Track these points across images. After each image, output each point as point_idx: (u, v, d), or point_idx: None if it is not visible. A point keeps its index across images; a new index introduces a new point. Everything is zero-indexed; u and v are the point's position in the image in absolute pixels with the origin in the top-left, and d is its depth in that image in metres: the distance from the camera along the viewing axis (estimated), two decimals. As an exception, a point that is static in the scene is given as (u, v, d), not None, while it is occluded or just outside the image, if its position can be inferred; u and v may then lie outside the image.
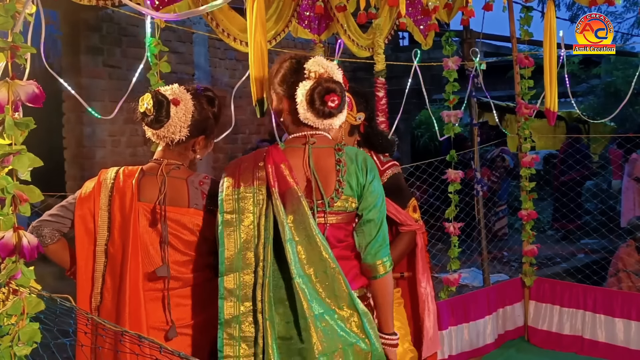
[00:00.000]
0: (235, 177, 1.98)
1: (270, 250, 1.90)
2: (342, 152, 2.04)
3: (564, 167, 7.80)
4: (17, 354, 1.78)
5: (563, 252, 6.65)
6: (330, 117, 2.00)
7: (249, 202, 1.94)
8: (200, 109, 2.15)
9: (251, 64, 2.69)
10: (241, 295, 1.88)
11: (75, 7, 2.68)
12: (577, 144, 8.09)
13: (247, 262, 1.90)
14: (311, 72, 2.00)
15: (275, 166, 1.96)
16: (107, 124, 6.02)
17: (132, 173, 2.17)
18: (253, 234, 1.92)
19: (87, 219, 2.07)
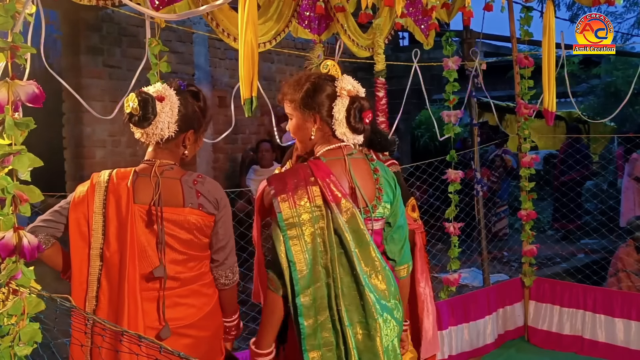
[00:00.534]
0: (289, 197, 2.03)
1: (338, 263, 2.02)
2: (374, 161, 2.20)
3: (564, 167, 7.81)
4: (18, 354, 1.78)
5: (563, 252, 6.65)
6: (363, 132, 2.15)
7: (308, 219, 2.02)
8: (185, 103, 2.15)
9: (241, 63, 2.69)
10: (317, 307, 2.00)
11: (75, 7, 2.68)
12: (577, 144, 8.09)
13: (317, 276, 2.01)
14: (344, 89, 2.12)
15: (327, 181, 2.05)
16: (107, 124, 6.01)
17: (125, 175, 2.15)
18: (319, 249, 2.01)
19: (81, 222, 2.07)
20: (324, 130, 2.15)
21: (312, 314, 1.99)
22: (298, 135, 2.23)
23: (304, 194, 2.02)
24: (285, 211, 2.00)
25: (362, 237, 2.04)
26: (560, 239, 7.49)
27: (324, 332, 2.00)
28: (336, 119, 2.11)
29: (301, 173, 2.07)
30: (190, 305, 2.13)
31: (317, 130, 2.15)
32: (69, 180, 6.20)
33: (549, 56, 4.27)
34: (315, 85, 2.16)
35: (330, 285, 2.00)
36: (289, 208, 2.00)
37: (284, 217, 2.00)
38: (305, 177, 2.05)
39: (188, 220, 2.09)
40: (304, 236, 2.00)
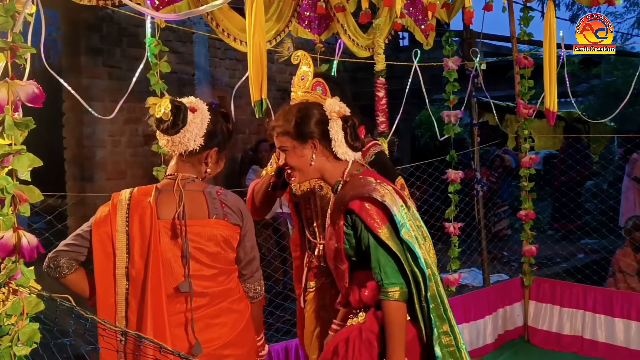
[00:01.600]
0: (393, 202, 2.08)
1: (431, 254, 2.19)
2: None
3: (564, 167, 7.80)
4: (17, 354, 1.78)
5: (563, 252, 6.65)
6: (360, 148, 2.22)
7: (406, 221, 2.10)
8: (215, 120, 2.13)
9: (250, 65, 2.69)
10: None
11: (75, 7, 2.68)
12: (577, 144, 8.09)
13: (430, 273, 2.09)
14: (333, 112, 2.15)
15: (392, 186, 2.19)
16: (107, 124, 6.01)
17: (147, 192, 2.10)
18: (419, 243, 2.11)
19: (106, 242, 2.02)
20: (325, 154, 2.18)
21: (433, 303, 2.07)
22: (297, 164, 2.20)
23: (392, 196, 2.09)
24: (397, 214, 2.05)
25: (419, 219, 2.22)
26: (560, 239, 7.49)
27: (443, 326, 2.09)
28: (335, 140, 2.14)
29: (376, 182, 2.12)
30: (223, 324, 2.08)
31: (317, 155, 2.17)
32: (69, 180, 6.19)
33: (549, 56, 4.27)
34: (304, 113, 2.18)
35: (435, 275, 2.10)
36: (397, 211, 2.06)
37: (399, 219, 2.04)
38: (379, 183, 2.12)
39: (214, 232, 2.06)
40: (411, 231, 2.08)
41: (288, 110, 2.22)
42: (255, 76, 2.69)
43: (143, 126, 6.12)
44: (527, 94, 4.68)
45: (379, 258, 2.02)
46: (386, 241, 2.01)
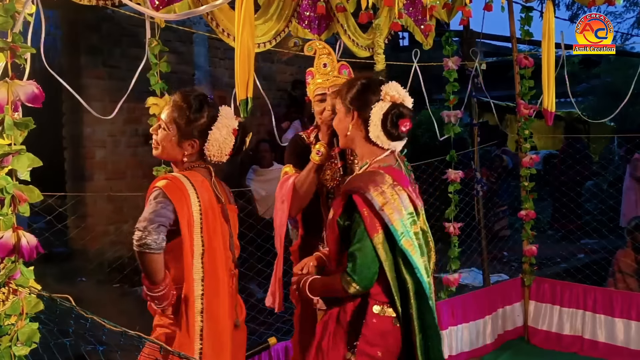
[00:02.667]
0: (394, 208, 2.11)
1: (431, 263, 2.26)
2: (405, 162, 2.41)
3: (564, 167, 7.80)
4: (16, 354, 1.78)
5: (563, 252, 6.65)
6: (399, 139, 2.20)
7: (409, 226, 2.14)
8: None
9: (237, 64, 2.69)
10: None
11: (75, 7, 2.68)
12: (577, 144, 8.08)
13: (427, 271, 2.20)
14: (387, 94, 2.16)
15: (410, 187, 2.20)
16: (107, 124, 6.01)
17: (198, 178, 2.23)
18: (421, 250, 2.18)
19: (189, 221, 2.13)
20: (360, 130, 2.21)
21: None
22: (338, 128, 2.30)
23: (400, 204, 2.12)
24: (396, 223, 2.09)
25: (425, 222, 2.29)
26: (560, 239, 7.49)
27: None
28: (372, 120, 2.16)
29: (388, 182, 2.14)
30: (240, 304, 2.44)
31: (352, 126, 2.22)
32: (69, 180, 6.19)
33: (548, 56, 4.27)
34: (363, 85, 2.24)
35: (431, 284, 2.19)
36: (399, 220, 2.09)
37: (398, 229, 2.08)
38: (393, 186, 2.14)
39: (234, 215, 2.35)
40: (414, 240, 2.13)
41: (355, 78, 2.32)
42: (242, 75, 2.69)
43: (143, 126, 6.11)
44: (527, 94, 4.68)
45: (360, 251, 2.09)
46: (377, 246, 2.09)
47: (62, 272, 3.89)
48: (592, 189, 8.43)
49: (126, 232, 6.23)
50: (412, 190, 2.20)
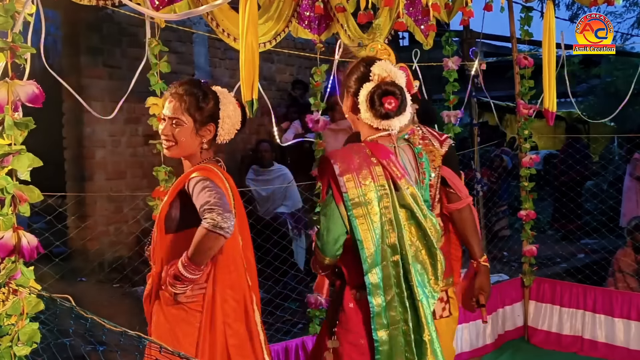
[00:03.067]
0: (354, 176, 2.09)
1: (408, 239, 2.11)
2: (418, 146, 2.32)
3: (564, 167, 7.80)
4: (17, 354, 1.78)
5: (563, 252, 6.64)
6: (387, 118, 2.13)
7: (374, 199, 2.08)
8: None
9: (242, 65, 2.69)
10: (384, 285, 2.07)
11: (75, 7, 2.68)
12: (577, 144, 8.09)
13: (384, 255, 2.08)
14: (375, 74, 2.14)
15: (387, 160, 2.12)
16: (107, 124, 6.00)
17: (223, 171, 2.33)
18: (385, 228, 2.08)
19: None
20: (355, 112, 2.20)
21: (380, 292, 2.06)
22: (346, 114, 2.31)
23: (367, 173, 2.09)
24: (352, 190, 2.07)
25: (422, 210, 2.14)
26: (560, 239, 7.48)
27: (390, 311, 2.06)
28: (360, 102, 2.15)
29: (362, 152, 2.13)
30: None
31: (350, 110, 2.23)
32: (69, 180, 6.19)
33: (549, 56, 4.27)
34: (352, 67, 2.24)
35: (398, 262, 2.08)
36: (355, 187, 2.07)
37: (350, 196, 2.06)
38: (366, 157, 2.11)
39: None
40: (370, 215, 2.06)
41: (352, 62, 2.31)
42: (247, 76, 2.69)
43: (143, 126, 6.12)
44: (527, 94, 4.68)
45: (323, 213, 2.16)
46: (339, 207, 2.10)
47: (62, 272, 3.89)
48: (592, 189, 8.43)
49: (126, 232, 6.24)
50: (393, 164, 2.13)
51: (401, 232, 2.09)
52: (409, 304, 2.07)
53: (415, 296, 2.08)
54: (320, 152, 3.68)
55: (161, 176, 3.07)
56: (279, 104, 7.54)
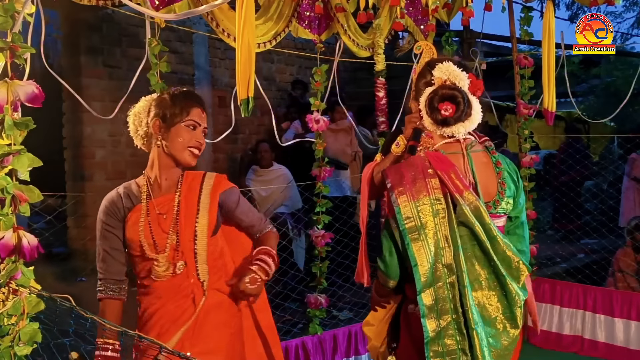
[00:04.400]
0: (406, 189, 1.94)
1: (464, 259, 1.92)
2: (496, 154, 2.10)
3: (564, 167, 7.80)
4: (18, 354, 1.78)
5: (563, 252, 6.64)
6: (446, 125, 2.02)
7: (428, 213, 1.92)
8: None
9: (238, 64, 2.69)
10: (439, 309, 1.90)
11: (75, 7, 2.68)
12: (577, 144, 8.08)
13: (438, 275, 1.91)
14: (435, 78, 2.03)
15: (447, 173, 1.95)
16: (107, 124, 6.00)
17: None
18: (440, 245, 1.91)
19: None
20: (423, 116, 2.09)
21: (435, 316, 1.90)
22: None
23: (422, 186, 1.93)
24: (404, 204, 1.92)
25: (489, 231, 1.94)
26: (560, 239, 7.48)
27: (446, 338, 1.90)
28: (421, 109, 2.06)
29: (419, 165, 1.98)
30: None
31: (421, 116, 2.10)
32: (69, 180, 6.19)
33: (549, 56, 4.27)
34: (420, 71, 2.14)
35: (454, 284, 1.91)
36: (407, 201, 1.92)
37: (403, 212, 1.92)
38: (423, 169, 1.96)
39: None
40: (424, 230, 1.91)
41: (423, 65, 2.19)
42: (243, 75, 2.70)
43: (143, 126, 6.11)
44: (527, 94, 4.68)
45: (384, 235, 2.02)
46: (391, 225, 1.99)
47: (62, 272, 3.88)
48: (592, 189, 8.42)
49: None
50: (456, 175, 1.96)
51: (457, 251, 1.91)
52: (466, 331, 1.90)
53: (469, 324, 1.90)
54: (320, 152, 3.68)
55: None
56: (279, 104, 7.54)
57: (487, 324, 1.95)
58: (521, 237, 2.18)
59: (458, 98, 1.98)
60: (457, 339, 1.89)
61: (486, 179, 2.06)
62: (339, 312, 4.90)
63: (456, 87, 2.00)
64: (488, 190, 2.06)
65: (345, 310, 4.94)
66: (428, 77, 2.07)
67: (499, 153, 2.15)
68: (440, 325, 1.90)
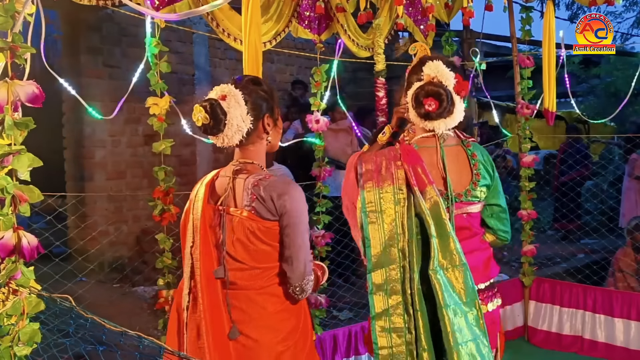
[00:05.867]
0: (374, 176, 2.10)
1: (416, 246, 2.05)
2: (470, 147, 2.26)
3: (564, 167, 7.80)
4: (17, 354, 1.78)
5: (563, 252, 6.64)
6: (429, 119, 2.14)
7: (389, 200, 2.07)
8: (248, 91, 2.06)
9: (245, 64, 2.70)
10: (388, 289, 2.04)
11: (75, 7, 2.68)
12: (577, 144, 8.09)
13: (391, 258, 2.05)
14: (424, 75, 2.16)
15: (413, 167, 2.09)
16: (107, 124, 6.01)
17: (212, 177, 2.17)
18: (396, 231, 2.06)
19: (185, 223, 2.13)
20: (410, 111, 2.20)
21: (382, 294, 2.03)
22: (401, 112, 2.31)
23: (388, 176, 2.08)
24: (368, 190, 2.08)
25: (443, 227, 2.04)
26: (560, 239, 7.48)
27: (394, 316, 2.03)
28: (407, 102, 2.18)
29: (390, 156, 2.13)
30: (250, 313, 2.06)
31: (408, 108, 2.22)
32: (69, 180, 6.20)
33: (549, 56, 4.27)
34: (413, 66, 2.25)
35: (406, 267, 2.04)
36: (372, 188, 2.08)
37: (366, 196, 2.07)
38: (394, 160, 2.11)
39: (243, 222, 2.02)
40: (382, 215, 2.06)
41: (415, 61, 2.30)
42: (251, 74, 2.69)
43: (143, 126, 6.12)
44: (528, 94, 4.68)
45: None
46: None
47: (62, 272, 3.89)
48: (592, 189, 8.43)
49: (126, 232, 6.24)
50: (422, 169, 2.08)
51: (412, 238, 2.04)
52: (411, 312, 2.01)
53: (415, 305, 2.01)
54: (320, 152, 3.69)
55: (161, 176, 3.07)
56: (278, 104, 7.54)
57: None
58: (504, 219, 2.39)
59: (442, 95, 2.10)
60: (404, 318, 2.02)
61: (458, 170, 2.21)
62: (339, 312, 4.90)
63: (442, 85, 2.12)
64: (460, 181, 2.21)
65: (345, 310, 4.94)
66: (419, 73, 2.19)
67: (474, 144, 2.31)
68: (388, 303, 2.03)
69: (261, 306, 2.04)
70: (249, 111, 2.04)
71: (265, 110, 2.11)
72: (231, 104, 2.02)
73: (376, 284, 2.03)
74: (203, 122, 2.00)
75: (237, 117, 2.02)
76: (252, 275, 2.04)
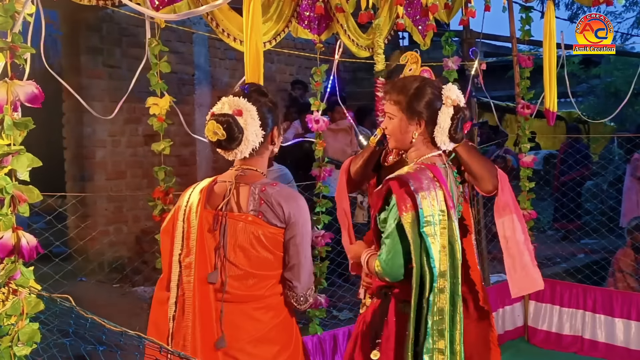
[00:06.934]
0: (426, 195, 2.06)
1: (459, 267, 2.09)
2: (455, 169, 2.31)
3: (564, 167, 7.80)
4: (17, 354, 1.78)
5: (563, 252, 6.64)
6: (457, 142, 2.23)
7: (438, 221, 2.06)
8: (259, 105, 2.04)
9: (247, 65, 2.69)
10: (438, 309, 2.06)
11: (75, 7, 2.68)
12: (577, 144, 8.09)
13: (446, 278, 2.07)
14: (449, 98, 2.17)
15: (447, 189, 2.12)
16: (107, 124, 6.01)
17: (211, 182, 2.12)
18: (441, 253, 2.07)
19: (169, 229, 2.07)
20: (425, 135, 2.21)
21: (437, 315, 2.03)
22: (397, 135, 2.26)
23: (434, 195, 2.07)
24: (426, 209, 2.03)
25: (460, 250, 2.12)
26: (560, 239, 7.48)
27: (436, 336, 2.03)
28: (440, 126, 2.17)
29: (428, 176, 2.11)
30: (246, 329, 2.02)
31: (419, 134, 2.21)
32: (69, 180, 6.20)
33: (549, 56, 4.27)
34: (420, 90, 2.21)
35: (444, 290, 2.04)
36: (428, 207, 2.04)
37: (425, 214, 2.02)
38: (433, 180, 2.10)
39: (247, 227, 1.99)
40: (437, 236, 2.04)
41: (407, 81, 2.26)
42: (252, 76, 2.70)
43: (143, 126, 6.12)
44: (528, 94, 4.67)
45: (390, 236, 2.07)
46: (405, 225, 2.03)
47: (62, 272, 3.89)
48: (592, 189, 8.43)
49: (126, 232, 6.24)
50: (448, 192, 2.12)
51: (453, 260, 2.07)
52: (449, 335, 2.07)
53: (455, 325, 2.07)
54: (320, 152, 3.68)
55: (161, 176, 3.07)
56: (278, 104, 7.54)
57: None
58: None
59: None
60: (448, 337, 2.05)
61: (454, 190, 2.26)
62: (339, 312, 4.91)
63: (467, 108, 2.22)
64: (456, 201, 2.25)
65: (345, 310, 4.94)
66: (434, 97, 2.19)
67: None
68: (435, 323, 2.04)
69: (256, 319, 2.02)
70: (261, 126, 2.03)
71: (273, 123, 2.11)
72: (248, 120, 2.00)
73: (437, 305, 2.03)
74: (219, 139, 1.97)
75: (252, 133, 2.01)
76: (248, 286, 2.00)
